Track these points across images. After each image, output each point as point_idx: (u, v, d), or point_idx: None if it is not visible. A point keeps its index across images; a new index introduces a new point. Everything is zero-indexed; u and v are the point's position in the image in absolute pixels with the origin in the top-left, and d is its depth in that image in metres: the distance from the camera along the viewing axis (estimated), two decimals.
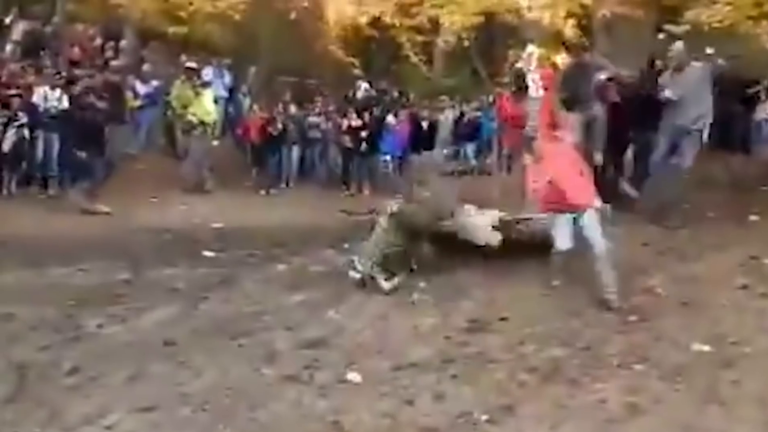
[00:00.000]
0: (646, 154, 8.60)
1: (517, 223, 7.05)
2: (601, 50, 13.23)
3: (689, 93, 7.88)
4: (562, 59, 8.56)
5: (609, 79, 8.49)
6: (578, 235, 6.31)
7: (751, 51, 12.11)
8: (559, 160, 6.59)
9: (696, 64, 8.07)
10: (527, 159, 6.95)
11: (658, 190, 8.12)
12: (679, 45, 8.24)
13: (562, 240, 6.39)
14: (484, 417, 4.54)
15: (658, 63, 8.90)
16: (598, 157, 8.21)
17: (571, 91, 8.39)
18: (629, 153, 9.23)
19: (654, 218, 7.95)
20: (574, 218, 6.34)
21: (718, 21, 10.83)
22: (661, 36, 11.79)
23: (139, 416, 4.41)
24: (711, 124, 8.18)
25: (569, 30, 14.60)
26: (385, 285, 6.64)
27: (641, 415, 4.59)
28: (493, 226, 6.85)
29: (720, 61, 8.51)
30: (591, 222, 6.26)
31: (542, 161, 6.72)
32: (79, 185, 10.67)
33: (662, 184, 8.12)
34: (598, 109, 8.42)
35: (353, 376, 5.03)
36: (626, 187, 8.58)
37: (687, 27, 11.31)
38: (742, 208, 7.84)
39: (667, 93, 7.97)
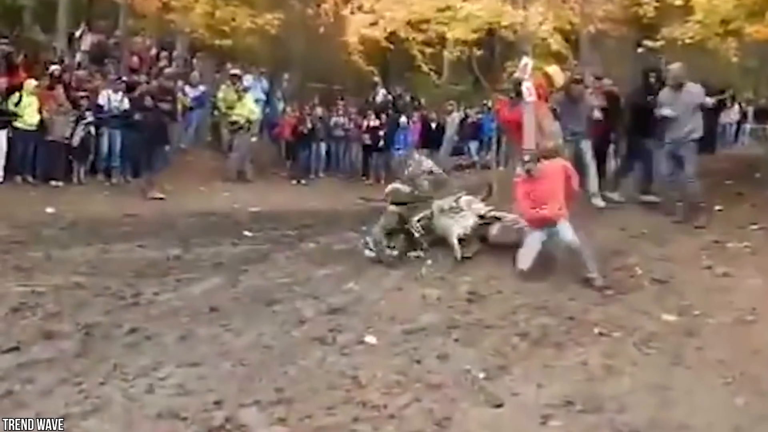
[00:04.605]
0: (640, 159, 8.52)
1: (496, 219, 6.82)
2: (587, 62, 13.18)
3: (686, 111, 7.56)
4: (553, 70, 8.43)
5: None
6: (556, 240, 6.27)
7: (719, 64, 11.97)
8: (546, 183, 6.40)
9: (694, 85, 7.78)
10: (519, 174, 6.74)
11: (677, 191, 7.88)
12: (677, 65, 7.86)
13: (524, 260, 6.21)
14: (482, 375, 4.56)
15: (652, 75, 8.59)
16: None
17: (563, 124, 8.18)
18: (613, 163, 9.29)
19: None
20: (551, 230, 6.27)
21: (689, 37, 10.69)
22: (640, 50, 11.70)
23: (187, 370, 4.45)
24: None
25: (559, 44, 14.50)
26: (386, 255, 6.69)
27: (617, 376, 4.62)
28: (464, 234, 6.66)
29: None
30: (564, 229, 6.19)
31: (531, 181, 6.46)
32: (143, 175, 10.84)
33: (676, 188, 7.89)
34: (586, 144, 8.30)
35: (370, 339, 5.06)
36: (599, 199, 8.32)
37: (662, 42, 11.21)
38: (707, 200, 7.75)
39: (665, 111, 7.64)
